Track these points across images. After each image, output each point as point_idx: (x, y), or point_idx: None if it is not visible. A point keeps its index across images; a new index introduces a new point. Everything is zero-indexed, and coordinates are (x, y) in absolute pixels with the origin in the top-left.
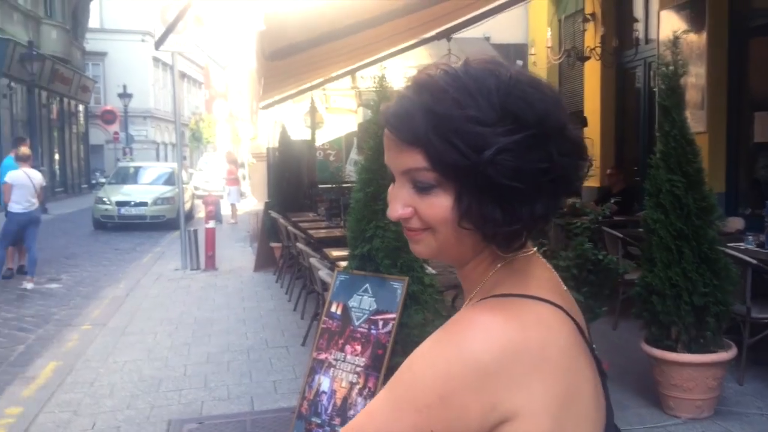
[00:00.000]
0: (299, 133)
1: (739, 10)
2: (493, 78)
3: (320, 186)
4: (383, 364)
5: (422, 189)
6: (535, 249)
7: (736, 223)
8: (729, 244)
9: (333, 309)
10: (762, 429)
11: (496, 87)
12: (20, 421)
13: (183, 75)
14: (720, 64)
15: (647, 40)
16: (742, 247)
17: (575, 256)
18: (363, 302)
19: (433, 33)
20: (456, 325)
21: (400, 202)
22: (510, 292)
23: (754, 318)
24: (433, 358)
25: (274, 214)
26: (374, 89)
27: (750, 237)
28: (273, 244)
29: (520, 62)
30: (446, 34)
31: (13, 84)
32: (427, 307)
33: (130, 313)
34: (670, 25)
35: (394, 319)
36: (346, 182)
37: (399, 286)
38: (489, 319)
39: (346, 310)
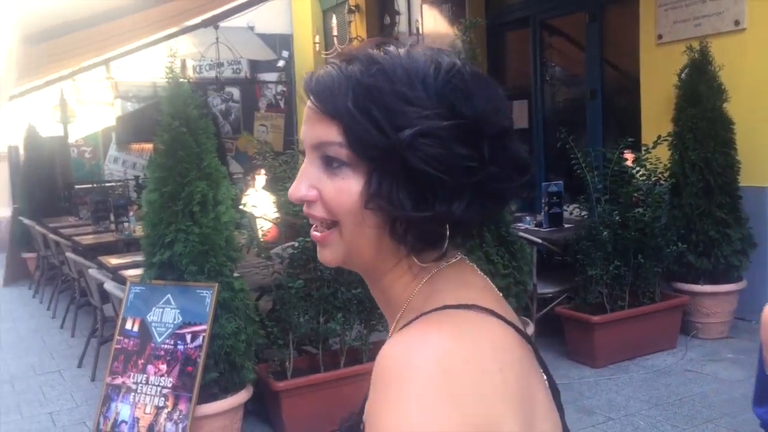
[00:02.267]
0: (49, 128)
1: (496, 5)
2: (433, 64)
3: (78, 186)
4: (195, 382)
5: (331, 166)
6: (462, 256)
7: None
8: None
9: (128, 326)
10: None
11: (434, 73)
12: None
13: None
14: (480, 55)
15: (410, 33)
16: (523, 227)
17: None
18: (165, 315)
19: (197, 20)
20: (397, 366)
21: (305, 181)
22: (449, 303)
23: (540, 293)
24: (407, 403)
25: (26, 221)
26: (167, 77)
27: (528, 217)
28: (26, 255)
29: (285, 53)
30: (212, 22)
31: None
32: (239, 313)
33: None
34: (432, 18)
35: (204, 331)
36: (109, 181)
37: (207, 294)
38: (435, 343)
39: (144, 325)
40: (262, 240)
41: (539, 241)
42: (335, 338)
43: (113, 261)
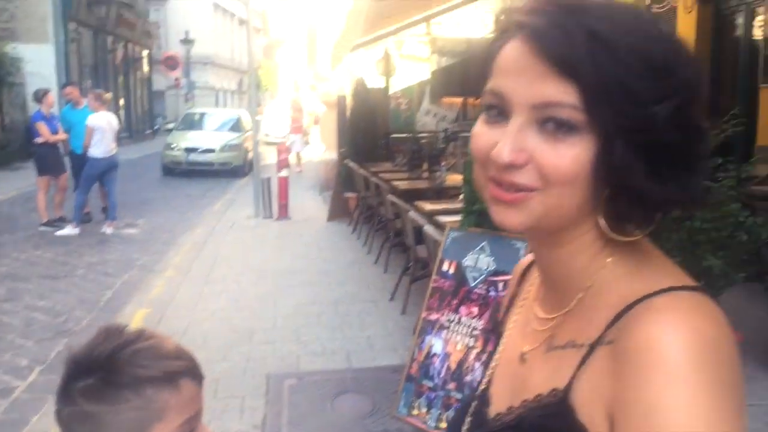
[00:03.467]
0: (372, 81)
1: None
2: (646, 22)
3: (394, 136)
4: None
5: (558, 130)
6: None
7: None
8: None
9: (444, 267)
10: None
11: (652, 32)
12: None
13: (242, 21)
14: None
15: None
16: None
17: (716, 218)
18: (479, 262)
19: None
20: (664, 353)
21: (516, 144)
22: (676, 284)
23: None
24: (700, 398)
25: (350, 164)
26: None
27: None
28: (348, 194)
29: None
30: None
31: (80, 28)
32: None
33: (211, 260)
34: None
35: None
36: (422, 132)
37: (522, 246)
38: (696, 329)
39: (460, 269)
40: None
41: None
42: None
43: (427, 206)
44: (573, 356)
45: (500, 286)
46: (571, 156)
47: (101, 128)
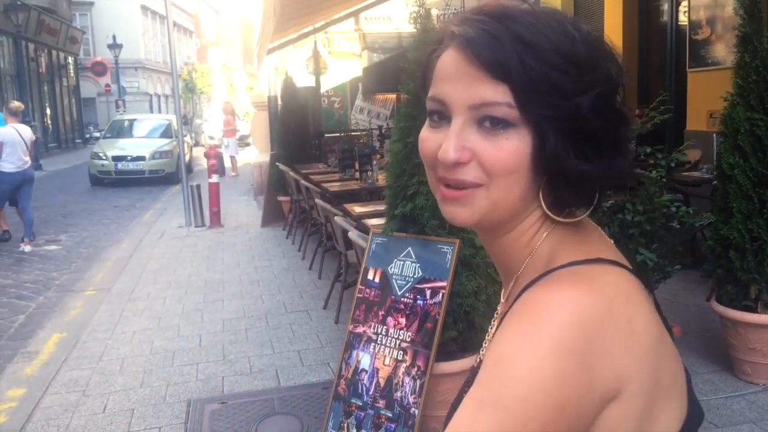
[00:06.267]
0: (302, 79)
1: None
2: (567, 24)
3: (327, 135)
4: (434, 338)
5: (494, 128)
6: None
7: (694, 155)
8: None
9: (370, 276)
10: None
11: (572, 33)
12: (23, 404)
13: (174, 24)
14: None
15: None
16: None
17: (647, 210)
18: (405, 268)
19: None
20: (537, 311)
21: (459, 143)
22: (577, 258)
23: None
24: (532, 359)
25: (282, 167)
26: (414, 25)
27: None
28: (281, 198)
29: None
30: None
31: None
32: (479, 272)
33: (136, 276)
34: None
35: (444, 287)
36: (355, 131)
37: (449, 250)
38: (573, 297)
39: (385, 277)
40: None
41: None
42: None
43: (357, 209)
44: (496, 327)
45: (428, 293)
46: (509, 149)
47: (11, 141)
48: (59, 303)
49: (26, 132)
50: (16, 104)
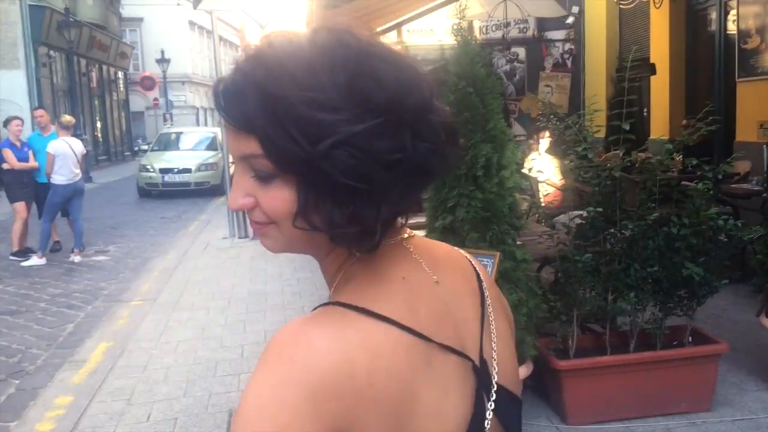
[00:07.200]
0: None
1: None
2: (341, 50)
3: None
4: None
5: (262, 178)
6: (405, 235)
7: (744, 166)
8: None
9: None
10: None
11: (343, 62)
12: (70, 412)
13: (220, 38)
14: None
15: None
16: None
17: (693, 223)
18: None
19: None
20: (276, 345)
21: (241, 191)
22: (348, 302)
23: None
24: (264, 386)
25: None
26: (455, 37)
27: None
28: None
29: (575, 9)
30: None
31: (52, 52)
32: (521, 285)
33: (181, 287)
34: None
35: None
36: None
37: (489, 263)
38: (311, 340)
39: None
40: (542, 206)
41: None
42: (625, 318)
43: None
44: None
45: None
46: (279, 198)
47: (63, 154)
48: (107, 312)
49: (77, 145)
50: (67, 118)
